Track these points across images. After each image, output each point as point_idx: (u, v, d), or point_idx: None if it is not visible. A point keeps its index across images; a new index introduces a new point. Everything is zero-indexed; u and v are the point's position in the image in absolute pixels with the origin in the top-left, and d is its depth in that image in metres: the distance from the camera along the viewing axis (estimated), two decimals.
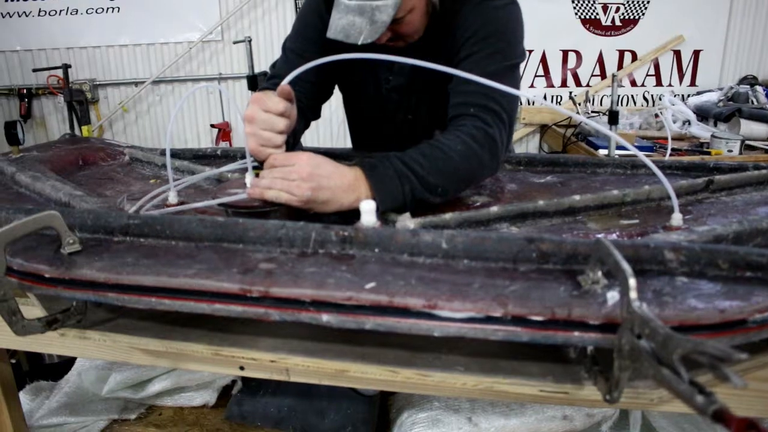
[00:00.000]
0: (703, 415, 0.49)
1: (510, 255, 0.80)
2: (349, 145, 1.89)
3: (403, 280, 0.75)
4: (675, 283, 0.74)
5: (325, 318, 0.74)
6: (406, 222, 1.07)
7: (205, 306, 0.80)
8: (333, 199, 1.08)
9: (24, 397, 1.78)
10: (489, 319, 0.69)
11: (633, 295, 0.62)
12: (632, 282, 0.62)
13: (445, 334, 0.71)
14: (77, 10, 3.88)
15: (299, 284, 0.76)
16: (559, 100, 4.15)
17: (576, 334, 0.68)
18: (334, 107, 3.91)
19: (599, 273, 0.73)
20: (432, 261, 0.81)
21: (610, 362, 0.68)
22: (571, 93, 4.11)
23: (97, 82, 4.04)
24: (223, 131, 4.01)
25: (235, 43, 3.74)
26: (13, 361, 2.27)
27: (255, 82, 2.62)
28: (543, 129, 4.12)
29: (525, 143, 4.24)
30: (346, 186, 1.10)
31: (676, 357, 0.54)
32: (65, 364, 1.99)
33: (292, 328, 0.97)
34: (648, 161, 1.22)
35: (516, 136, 4.14)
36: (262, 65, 3.92)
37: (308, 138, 4.17)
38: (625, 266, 0.64)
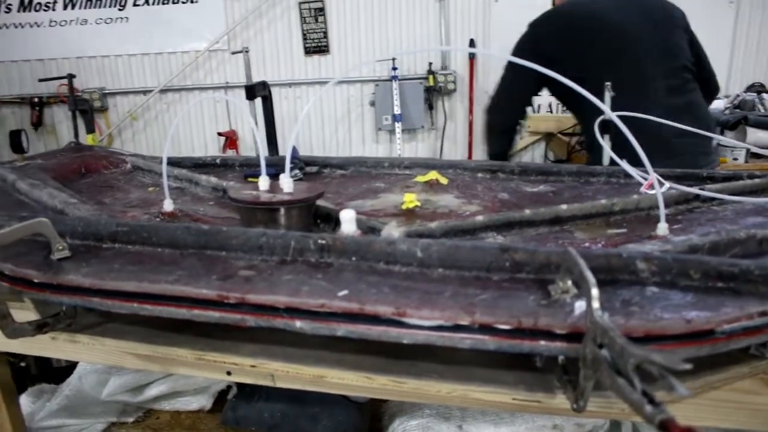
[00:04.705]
0: (650, 423, 0.50)
1: (484, 264, 0.81)
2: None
3: (375, 288, 0.76)
4: (645, 293, 0.75)
5: (299, 324, 0.76)
6: (392, 231, 1.08)
7: (185, 311, 0.81)
8: None
9: (26, 399, 1.81)
10: (457, 328, 0.70)
11: (595, 304, 0.63)
12: (594, 291, 0.63)
13: (414, 342, 0.72)
14: (87, 20, 3.95)
15: (274, 291, 0.77)
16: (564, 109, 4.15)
17: (542, 343, 0.69)
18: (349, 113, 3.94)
19: (569, 282, 0.74)
20: (407, 269, 0.83)
21: (579, 371, 0.69)
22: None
23: (107, 91, 4.10)
24: (230, 139, 4.05)
25: (233, 53, 3.79)
26: (23, 364, 2.32)
27: (253, 92, 2.66)
28: (548, 137, 4.12)
29: (531, 151, 4.25)
30: None
31: (630, 367, 0.55)
32: (71, 368, 2.02)
33: (277, 334, 0.98)
34: (632, 170, 1.23)
35: (521, 144, 4.16)
36: (268, 74, 3.96)
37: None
38: (589, 276, 0.65)
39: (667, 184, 1.28)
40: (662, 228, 1.08)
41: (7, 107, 4.17)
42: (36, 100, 4.06)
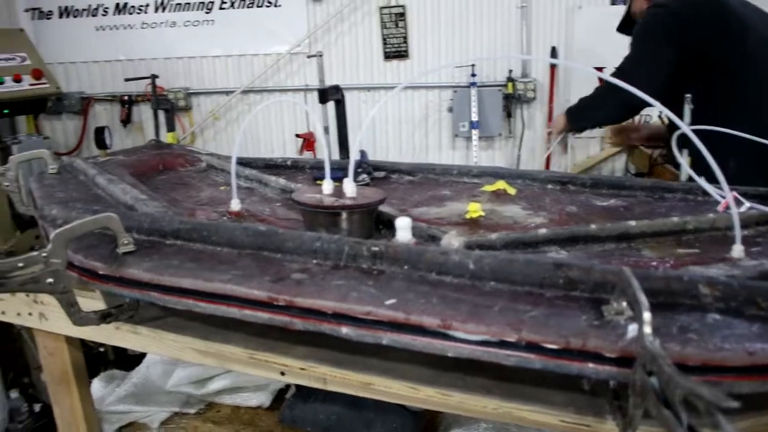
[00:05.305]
0: None
1: (537, 279, 0.78)
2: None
3: (424, 299, 0.75)
4: (705, 319, 0.71)
5: (344, 330, 0.76)
6: (451, 240, 1.07)
7: (236, 311, 0.83)
8: None
9: (98, 383, 1.90)
10: (503, 344, 0.68)
11: (647, 329, 0.60)
12: (647, 315, 0.60)
13: (459, 356, 0.71)
14: (175, 23, 4.12)
15: (323, 296, 0.78)
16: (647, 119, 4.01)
17: (590, 365, 0.66)
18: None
19: (624, 304, 0.71)
20: (459, 281, 0.81)
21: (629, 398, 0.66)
22: (660, 113, 3.95)
23: (191, 91, 4.25)
24: (308, 141, 4.12)
25: (308, 57, 3.86)
26: (102, 349, 2.44)
27: (325, 96, 2.69)
28: (630, 149, 3.97)
29: (611, 163, 4.11)
30: None
31: (678, 398, 0.52)
32: (143, 356, 2.11)
33: (328, 338, 0.99)
34: (709, 187, 1.17)
35: (602, 155, 4.04)
36: (347, 78, 4.01)
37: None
38: (642, 298, 0.62)
39: (747, 204, 1.21)
40: (737, 250, 1.02)
41: (100, 104, 4.40)
42: (125, 98, 4.26)
